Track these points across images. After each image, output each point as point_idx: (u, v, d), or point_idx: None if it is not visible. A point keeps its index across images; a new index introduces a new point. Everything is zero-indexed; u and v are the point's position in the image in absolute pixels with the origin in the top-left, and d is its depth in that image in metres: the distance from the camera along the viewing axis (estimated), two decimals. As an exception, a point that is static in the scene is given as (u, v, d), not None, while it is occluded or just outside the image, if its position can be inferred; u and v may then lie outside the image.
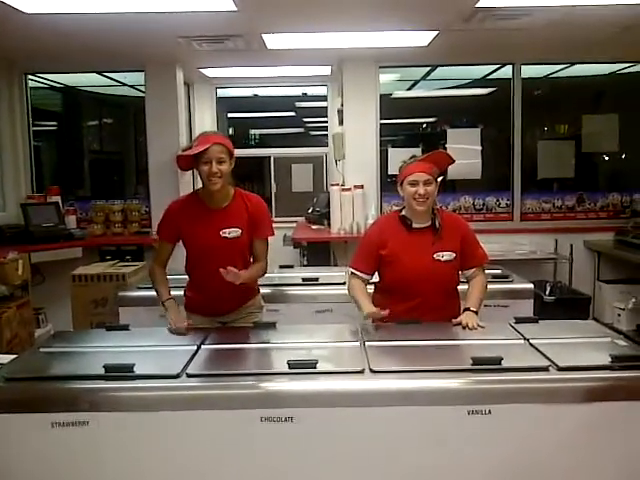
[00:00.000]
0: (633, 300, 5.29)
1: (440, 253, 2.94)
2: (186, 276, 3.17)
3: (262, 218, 3.07)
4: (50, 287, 5.37)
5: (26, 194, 6.07)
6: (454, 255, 2.96)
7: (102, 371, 2.20)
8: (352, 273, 3.06)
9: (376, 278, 3.12)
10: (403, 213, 3.02)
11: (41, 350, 2.61)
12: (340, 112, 6.11)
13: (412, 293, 2.93)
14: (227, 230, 2.96)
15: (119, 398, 2.15)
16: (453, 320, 2.89)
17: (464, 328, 2.79)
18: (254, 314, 3.19)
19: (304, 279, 3.91)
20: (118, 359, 2.31)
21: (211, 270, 2.91)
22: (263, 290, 3.64)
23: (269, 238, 3.13)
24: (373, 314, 2.82)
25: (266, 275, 3.20)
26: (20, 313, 4.53)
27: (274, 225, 3.16)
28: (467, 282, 3.07)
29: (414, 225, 2.97)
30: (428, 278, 2.92)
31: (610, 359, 2.25)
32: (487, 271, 3.96)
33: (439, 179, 2.97)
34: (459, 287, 3.08)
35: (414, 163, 2.93)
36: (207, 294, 3.06)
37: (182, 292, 3.18)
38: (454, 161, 3.01)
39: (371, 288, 3.13)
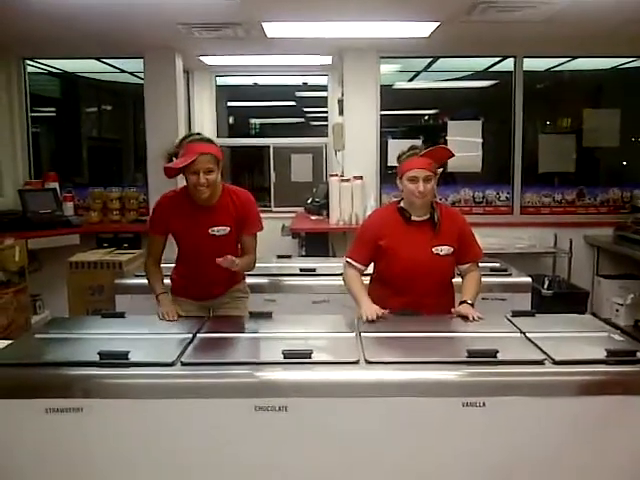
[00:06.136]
0: (632, 296, 5.29)
1: (439, 247, 2.92)
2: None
3: (250, 215, 3.05)
4: (47, 274, 5.37)
5: (24, 180, 6.05)
6: (452, 249, 2.95)
7: (96, 358, 2.19)
8: (348, 263, 3.04)
9: (370, 269, 3.10)
10: (402, 205, 3.01)
11: (36, 336, 2.61)
12: (340, 102, 6.08)
13: (409, 286, 2.92)
14: (216, 228, 2.95)
15: (113, 385, 2.15)
16: (452, 310, 2.89)
17: (464, 319, 2.78)
18: (240, 299, 3.20)
19: (302, 269, 3.90)
20: (113, 346, 2.30)
21: (200, 264, 2.98)
22: (261, 280, 3.66)
23: (258, 232, 3.14)
24: (371, 314, 2.76)
25: (264, 265, 3.21)
26: (17, 299, 4.53)
27: (273, 215, 3.17)
28: (461, 276, 3.06)
29: (413, 218, 2.96)
30: (426, 272, 2.91)
31: (605, 353, 2.24)
32: (485, 264, 4.00)
33: (439, 170, 2.96)
34: (453, 280, 3.08)
35: (414, 159, 2.90)
36: (195, 281, 3.08)
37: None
38: (453, 155, 2.97)
39: (365, 279, 3.10)
